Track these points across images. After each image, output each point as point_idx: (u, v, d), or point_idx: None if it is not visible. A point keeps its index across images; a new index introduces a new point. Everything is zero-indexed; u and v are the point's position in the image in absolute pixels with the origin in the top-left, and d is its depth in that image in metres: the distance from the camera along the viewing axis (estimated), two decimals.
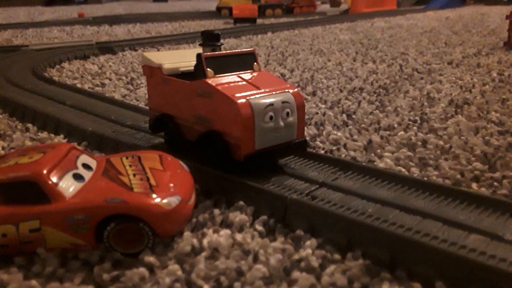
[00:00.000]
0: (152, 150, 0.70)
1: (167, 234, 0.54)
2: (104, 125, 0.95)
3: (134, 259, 0.52)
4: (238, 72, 0.72)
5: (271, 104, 0.65)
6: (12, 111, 1.14)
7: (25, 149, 0.61)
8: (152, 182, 0.56)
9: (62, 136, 0.95)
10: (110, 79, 1.54)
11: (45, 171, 0.53)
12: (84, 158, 0.60)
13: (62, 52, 2.00)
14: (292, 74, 1.59)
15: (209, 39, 0.75)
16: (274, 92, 0.68)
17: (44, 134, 0.97)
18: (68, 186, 0.54)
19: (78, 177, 0.55)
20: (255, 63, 0.75)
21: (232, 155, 0.66)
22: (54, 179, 0.53)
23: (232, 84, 0.68)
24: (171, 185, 0.56)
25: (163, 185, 0.56)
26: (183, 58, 0.78)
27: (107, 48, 2.17)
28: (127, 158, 0.62)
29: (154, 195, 0.53)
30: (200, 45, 0.76)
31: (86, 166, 0.58)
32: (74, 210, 0.51)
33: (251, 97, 0.65)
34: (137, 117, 1.00)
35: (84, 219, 0.51)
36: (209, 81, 0.68)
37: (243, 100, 0.64)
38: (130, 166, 0.59)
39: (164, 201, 0.53)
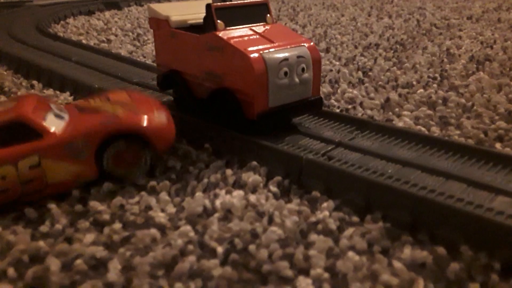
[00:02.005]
0: (117, 89, 0.71)
1: (163, 148, 0.57)
2: (111, 82, 0.92)
3: (144, 223, 0.50)
4: (250, 25, 0.68)
5: (285, 59, 0.62)
6: (17, 68, 1.11)
7: None
8: (133, 108, 0.58)
9: (68, 93, 0.93)
10: (116, 35, 1.50)
11: (29, 111, 0.54)
12: (54, 106, 0.61)
13: (67, 7, 1.95)
14: (304, 30, 1.53)
15: None
16: (288, 46, 0.64)
17: (50, 91, 0.94)
18: (54, 123, 0.55)
19: (59, 117, 0.57)
20: (268, 15, 0.70)
21: (245, 113, 0.63)
22: (38, 117, 0.54)
23: (244, 37, 0.64)
24: (149, 109, 0.59)
25: (144, 109, 0.58)
26: (192, 9, 0.74)
27: (112, 3, 2.11)
28: (93, 99, 0.64)
29: (143, 115, 0.56)
30: None
31: (59, 110, 0.60)
32: (71, 137, 0.53)
33: (264, 51, 0.61)
34: (144, 74, 0.97)
35: (84, 144, 0.53)
36: (220, 34, 0.64)
37: (256, 55, 0.60)
38: (103, 101, 0.62)
39: (158, 117, 0.56)
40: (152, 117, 0.56)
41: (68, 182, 0.54)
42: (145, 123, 0.55)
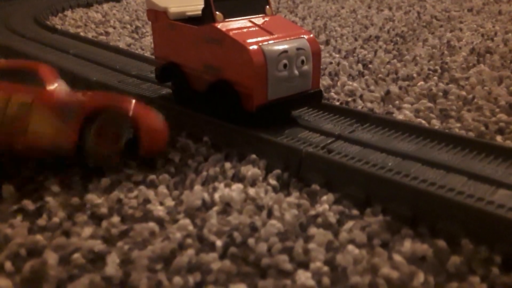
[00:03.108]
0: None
1: (150, 145, 0.59)
2: (109, 75, 0.91)
3: (143, 216, 0.50)
4: (249, 16, 0.67)
5: (285, 51, 0.61)
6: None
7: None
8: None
9: None
10: (114, 28, 1.49)
11: (43, 66, 0.61)
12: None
13: None
14: (303, 22, 1.52)
15: None
16: (288, 38, 0.63)
17: None
18: (63, 87, 0.60)
19: (64, 85, 0.61)
20: (268, 7, 0.70)
21: (244, 106, 0.62)
22: (49, 74, 0.60)
23: (243, 29, 0.64)
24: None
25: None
26: (190, 1, 0.73)
27: None
28: None
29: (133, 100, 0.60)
30: None
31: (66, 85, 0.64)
32: (69, 98, 0.57)
33: (263, 43, 0.61)
34: (142, 66, 0.96)
35: (76, 109, 0.56)
36: (218, 25, 0.63)
37: (255, 47, 0.60)
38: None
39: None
40: (135, 101, 0.60)
41: (43, 144, 0.56)
42: (132, 108, 0.58)
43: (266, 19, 0.68)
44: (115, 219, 0.49)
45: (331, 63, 1.03)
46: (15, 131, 0.55)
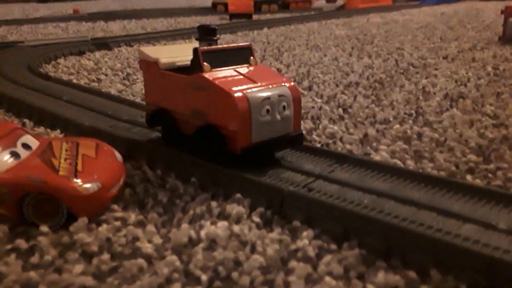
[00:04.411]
0: (92, 139, 0.74)
1: (82, 215, 0.58)
2: (101, 120, 0.95)
3: (132, 253, 0.53)
4: (234, 66, 0.72)
5: (267, 98, 0.66)
6: (8, 106, 1.14)
7: None
8: (79, 167, 0.61)
9: (58, 131, 0.95)
10: (106, 75, 1.54)
11: None
12: (26, 139, 0.65)
13: (57, 48, 2.00)
14: (288, 69, 1.59)
15: (206, 33, 0.75)
16: (270, 86, 0.68)
17: (41, 129, 0.97)
18: (2, 162, 0.59)
19: (14, 155, 0.61)
20: (252, 57, 0.75)
21: (229, 148, 0.66)
22: None
23: (228, 78, 0.69)
24: (96, 172, 0.61)
25: (87, 172, 0.61)
26: (179, 52, 0.78)
27: (102, 44, 2.16)
28: (67, 143, 0.68)
29: (74, 179, 0.58)
30: (196, 39, 0.76)
31: (25, 146, 0.64)
32: (0, 183, 0.57)
33: (247, 90, 0.65)
34: (133, 112, 1.00)
35: (8, 193, 0.57)
36: (206, 75, 0.68)
37: (240, 94, 0.65)
38: (66, 150, 0.65)
39: (85, 185, 0.58)
40: (80, 184, 0.58)
41: None
42: (64, 190, 0.57)
43: (250, 68, 0.73)
44: (105, 256, 0.52)
45: (313, 107, 1.08)
46: None
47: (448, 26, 2.94)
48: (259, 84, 0.68)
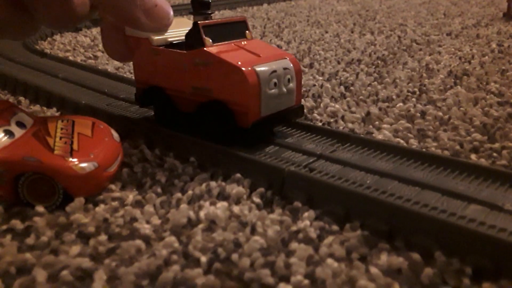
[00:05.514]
0: (88, 117, 0.71)
1: (78, 195, 0.57)
2: (98, 98, 0.93)
3: (129, 234, 0.52)
4: (232, 40, 0.70)
5: (274, 71, 0.65)
6: (3, 84, 1.12)
7: None
8: (75, 146, 0.59)
9: (55, 109, 0.94)
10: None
11: None
12: (20, 116, 0.63)
13: None
14: (289, 46, 1.56)
15: (200, 7, 0.73)
16: (274, 59, 0.67)
17: (37, 107, 0.95)
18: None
19: (8, 133, 0.59)
20: (247, 31, 0.73)
21: (238, 123, 0.65)
22: None
23: (232, 52, 0.67)
24: (92, 151, 0.59)
25: (84, 151, 0.59)
26: (171, 27, 0.75)
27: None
28: (62, 121, 0.65)
29: (70, 159, 0.57)
30: (190, 13, 0.73)
31: (20, 124, 0.62)
32: None
33: (255, 64, 0.64)
34: (130, 90, 0.98)
35: (2, 172, 0.55)
36: (209, 49, 0.66)
37: (249, 68, 0.63)
38: (62, 129, 0.63)
39: (81, 165, 0.56)
40: (76, 164, 0.56)
41: None
42: (59, 170, 0.55)
43: (249, 42, 0.72)
44: (103, 237, 0.51)
45: (314, 85, 1.06)
46: None
47: (451, 1, 2.88)
48: (263, 57, 0.67)
